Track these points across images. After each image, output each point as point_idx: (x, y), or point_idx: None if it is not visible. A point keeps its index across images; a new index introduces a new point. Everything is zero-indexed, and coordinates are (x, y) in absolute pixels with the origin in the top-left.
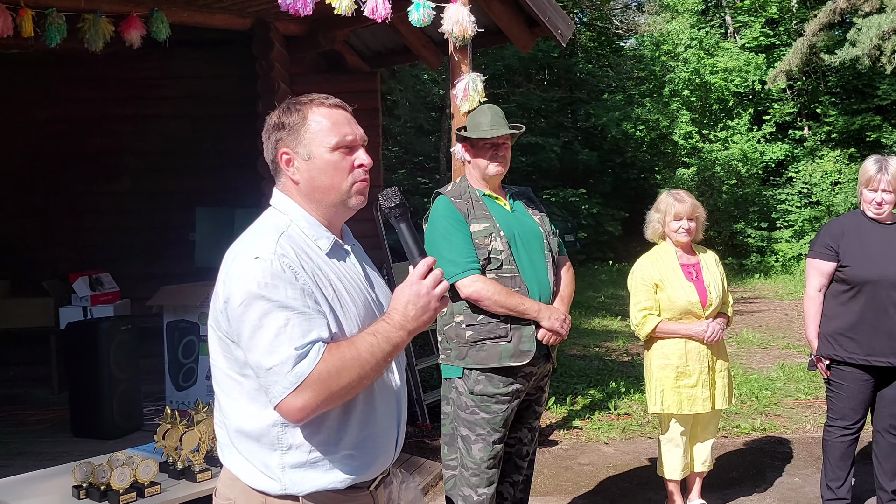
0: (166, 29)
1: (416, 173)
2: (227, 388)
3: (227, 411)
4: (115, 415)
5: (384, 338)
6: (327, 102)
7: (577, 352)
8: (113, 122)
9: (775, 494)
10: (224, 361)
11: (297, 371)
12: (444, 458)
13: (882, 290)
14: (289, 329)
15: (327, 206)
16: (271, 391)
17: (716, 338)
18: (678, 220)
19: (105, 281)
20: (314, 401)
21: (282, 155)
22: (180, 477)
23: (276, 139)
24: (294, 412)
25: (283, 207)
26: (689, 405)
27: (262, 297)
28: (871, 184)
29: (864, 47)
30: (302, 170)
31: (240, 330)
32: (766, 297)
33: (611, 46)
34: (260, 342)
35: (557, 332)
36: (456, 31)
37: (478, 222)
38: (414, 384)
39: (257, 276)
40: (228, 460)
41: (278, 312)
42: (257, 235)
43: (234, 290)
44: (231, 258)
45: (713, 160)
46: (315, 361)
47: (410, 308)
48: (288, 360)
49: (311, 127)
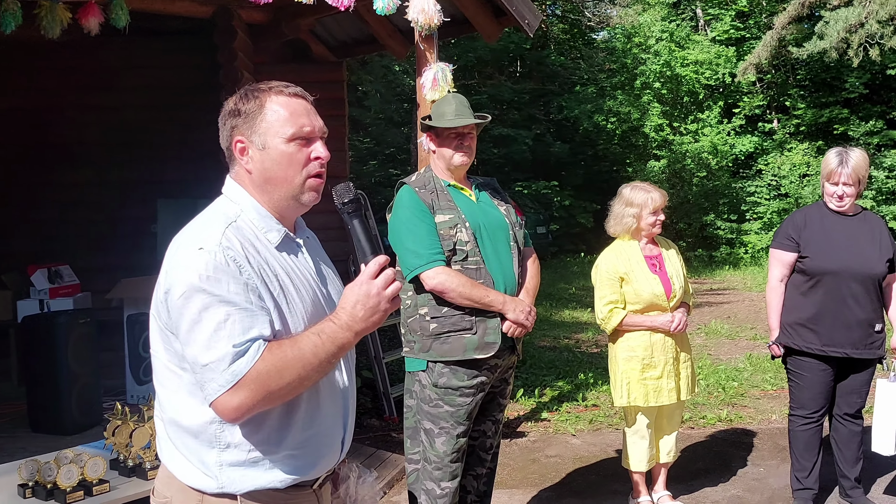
0: (126, 16)
1: (388, 165)
2: (165, 381)
3: (164, 404)
4: (73, 410)
5: (329, 338)
6: (286, 91)
7: (546, 343)
8: (73, 111)
9: (740, 485)
10: (164, 353)
11: (234, 369)
12: (406, 451)
13: (841, 281)
14: (228, 325)
15: (279, 198)
16: (206, 388)
17: (682, 328)
18: (655, 215)
19: (65, 273)
20: (250, 400)
21: (236, 143)
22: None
23: (231, 126)
24: (229, 411)
25: (235, 197)
26: (655, 397)
27: (203, 290)
28: (832, 177)
29: (832, 40)
30: (255, 159)
31: (178, 322)
32: (735, 288)
33: (583, 38)
34: (198, 337)
35: (522, 324)
36: (421, 20)
37: (443, 213)
38: (381, 377)
39: (200, 268)
40: (166, 456)
41: (219, 307)
42: (204, 225)
43: (176, 280)
44: (175, 247)
45: (683, 152)
46: (253, 360)
47: (359, 308)
48: (225, 357)
49: (268, 116)
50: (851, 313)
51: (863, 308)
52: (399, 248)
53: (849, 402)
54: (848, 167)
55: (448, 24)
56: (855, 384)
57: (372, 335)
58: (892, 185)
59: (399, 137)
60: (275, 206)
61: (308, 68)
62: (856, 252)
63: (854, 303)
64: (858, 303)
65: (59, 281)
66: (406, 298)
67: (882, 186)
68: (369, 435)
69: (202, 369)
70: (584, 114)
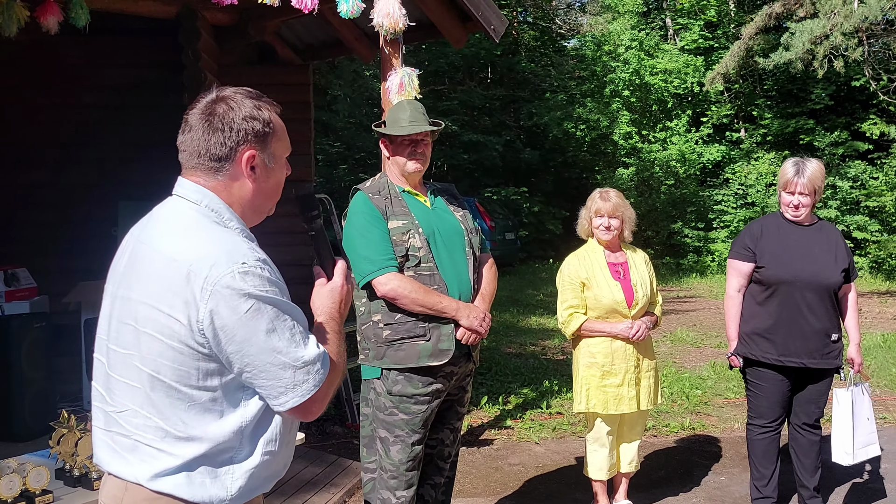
0: (86, 15)
1: (358, 169)
2: (169, 401)
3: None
4: (26, 416)
5: (342, 336)
6: (275, 107)
7: (512, 350)
8: (31, 111)
9: (702, 494)
10: (172, 373)
11: (325, 369)
12: (362, 460)
13: (796, 290)
14: (297, 330)
15: (254, 211)
16: (295, 391)
17: (641, 336)
18: (599, 217)
19: (21, 276)
20: (327, 400)
21: (249, 156)
22: (76, 484)
23: (243, 135)
24: (315, 411)
25: (209, 203)
26: (615, 405)
27: (269, 300)
28: (788, 186)
29: (797, 51)
30: (260, 176)
31: (248, 337)
32: (701, 296)
33: (553, 46)
34: (279, 344)
35: (476, 330)
36: (386, 24)
37: (396, 219)
38: (343, 384)
39: (255, 283)
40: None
41: (285, 316)
42: (215, 237)
43: (231, 298)
44: (204, 264)
45: (652, 160)
46: (329, 360)
47: (344, 307)
48: (318, 358)
49: (277, 133)
50: (807, 323)
51: (818, 318)
52: (352, 254)
53: (807, 412)
54: (804, 177)
55: (414, 28)
56: (812, 394)
57: None
58: (857, 195)
59: (369, 142)
60: (244, 215)
61: (274, 70)
62: (810, 262)
63: (809, 312)
64: (814, 313)
65: (16, 284)
66: (360, 305)
67: (846, 197)
68: (331, 442)
69: (295, 372)
70: (553, 121)
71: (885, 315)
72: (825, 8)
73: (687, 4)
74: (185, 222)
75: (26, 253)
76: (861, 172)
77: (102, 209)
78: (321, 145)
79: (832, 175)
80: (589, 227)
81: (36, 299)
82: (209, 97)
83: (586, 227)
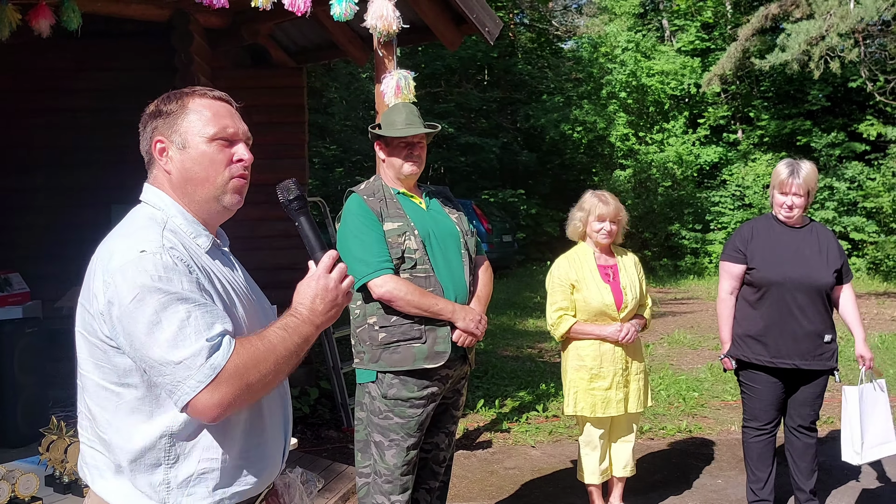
0: (78, 19)
1: (354, 172)
2: (102, 402)
3: (103, 427)
4: (18, 421)
5: (294, 331)
6: (210, 94)
7: (509, 353)
8: (23, 114)
9: (698, 497)
10: (97, 372)
11: (212, 363)
12: (357, 465)
13: (787, 292)
14: (192, 321)
15: (200, 201)
16: (181, 388)
17: (630, 339)
18: (601, 222)
19: (14, 281)
20: (231, 395)
21: (156, 143)
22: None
23: (151, 127)
24: (210, 408)
25: (157, 202)
26: (603, 408)
27: (157, 289)
28: (782, 187)
29: (793, 52)
30: (175, 159)
31: (132, 329)
32: (699, 297)
33: (550, 48)
34: (161, 336)
35: (472, 332)
36: (380, 26)
37: (391, 221)
38: (339, 388)
39: (149, 269)
40: (100, 484)
41: (178, 304)
42: (135, 231)
43: (122, 287)
44: (107, 255)
45: (649, 162)
46: (229, 352)
47: (318, 302)
48: (200, 351)
49: (190, 116)
50: (798, 325)
51: (810, 319)
52: (347, 256)
53: (801, 414)
54: (798, 178)
55: (408, 30)
56: (806, 396)
57: (330, 345)
58: (854, 196)
59: (365, 145)
60: (197, 209)
61: (267, 73)
62: (801, 263)
63: (801, 314)
64: (805, 314)
65: (9, 289)
66: (355, 308)
67: (843, 198)
68: (326, 447)
69: (175, 368)
70: (550, 123)
71: (883, 316)
72: (821, 9)
73: (683, 6)
74: (125, 224)
75: (19, 258)
76: (858, 173)
77: (95, 213)
78: (317, 148)
79: (829, 176)
80: (583, 229)
81: (28, 304)
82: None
83: (580, 230)
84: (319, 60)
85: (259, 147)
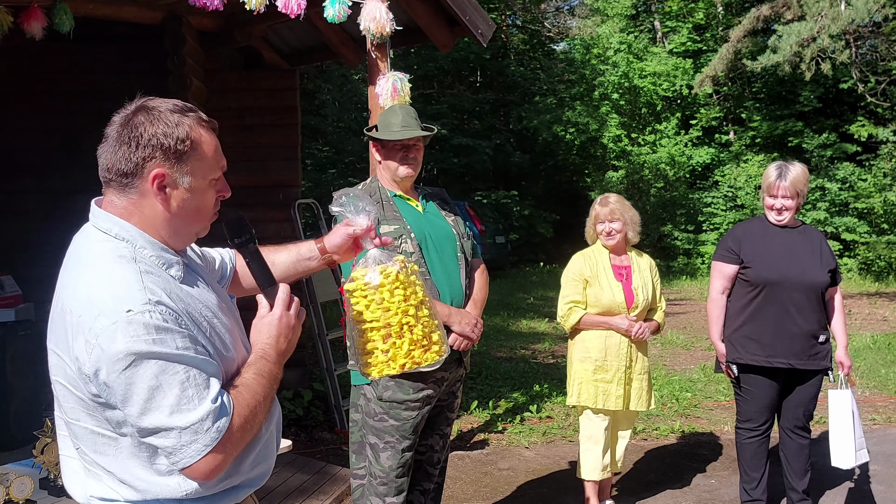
0: (70, 22)
1: (347, 173)
2: (99, 448)
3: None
4: (11, 425)
5: (269, 376)
6: (206, 123)
7: (503, 354)
8: (15, 117)
9: (692, 497)
10: (90, 419)
11: (219, 426)
12: (352, 466)
13: (783, 291)
14: (192, 383)
15: (182, 234)
16: (184, 451)
17: (642, 334)
18: (601, 223)
19: (6, 284)
20: (231, 455)
21: (155, 176)
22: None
23: (148, 156)
24: (212, 471)
25: (118, 232)
26: (603, 400)
27: (152, 354)
28: (770, 190)
29: (785, 54)
30: (176, 199)
31: (128, 395)
32: (691, 298)
33: (542, 49)
34: (164, 402)
35: (468, 336)
36: (373, 29)
37: (388, 223)
38: (332, 390)
39: (139, 333)
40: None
41: (176, 367)
42: (110, 280)
43: (111, 352)
44: (87, 310)
45: (641, 163)
46: (230, 412)
47: (283, 341)
48: (208, 415)
49: (199, 153)
50: (794, 324)
51: (805, 319)
52: None
53: (796, 415)
54: (786, 180)
55: (401, 32)
56: (801, 396)
57: (323, 347)
58: (845, 197)
59: (358, 146)
60: (169, 238)
61: (260, 75)
62: (796, 262)
63: (797, 313)
64: (801, 313)
65: (1, 292)
66: None
67: (835, 198)
68: (320, 448)
69: (180, 433)
70: (543, 124)
71: (874, 317)
72: (812, 10)
73: (675, 7)
74: (86, 259)
75: (11, 260)
76: (850, 174)
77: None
78: (309, 150)
79: (821, 177)
80: (593, 233)
81: (21, 307)
82: (132, 107)
83: (591, 234)
84: (312, 62)
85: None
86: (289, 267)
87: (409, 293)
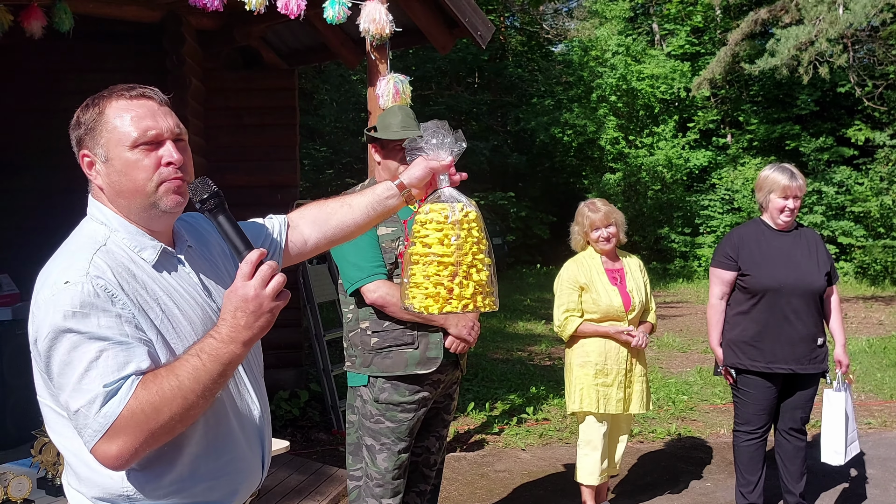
0: (69, 20)
1: (345, 174)
2: (54, 426)
3: (67, 446)
4: (8, 424)
5: (211, 357)
6: (128, 94)
7: (499, 356)
8: (14, 115)
9: (688, 499)
10: (48, 396)
11: (106, 411)
12: (348, 468)
13: (782, 297)
14: (101, 363)
15: (138, 210)
16: (83, 435)
17: (642, 344)
18: (597, 230)
19: (3, 283)
20: (131, 444)
21: (82, 157)
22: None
23: (75, 140)
24: (110, 459)
25: (100, 216)
26: (604, 404)
27: (69, 329)
28: (785, 191)
29: (782, 57)
30: (102, 173)
31: (49, 367)
32: (688, 301)
33: (540, 51)
34: (68, 380)
35: (465, 339)
36: (373, 30)
37: (385, 226)
38: (329, 390)
39: (65, 305)
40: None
41: (89, 345)
42: (71, 254)
43: (41, 323)
44: (40, 284)
45: (639, 166)
46: (125, 399)
47: (240, 316)
48: (95, 399)
49: (109, 124)
50: (794, 329)
51: (805, 323)
52: (341, 260)
53: (793, 417)
54: (798, 180)
55: (400, 34)
56: (800, 399)
57: (320, 347)
58: (842, 200)
59: (356, 146)
60: (138, 219)
61: (259, 75)
62: (794, 268)
63: (796, 319)
64: (800, 318)
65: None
66: (348, 312)
67: (832, 202)
68: (317, 449)
69: (75, 416)
70: (540, 126)
71: (870, 320)
72: (810, 14)
73: (674, 10)
74: (68, 242)
75: (8, 259)
76: (846, 178)
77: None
78: (307, 150)
79: (818, 181)
80: (583, 241)
81: (18, 305)
82: None
83: (581, 242)
84: (311, 63)
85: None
86: (368, 209)
87: (481, 237)
